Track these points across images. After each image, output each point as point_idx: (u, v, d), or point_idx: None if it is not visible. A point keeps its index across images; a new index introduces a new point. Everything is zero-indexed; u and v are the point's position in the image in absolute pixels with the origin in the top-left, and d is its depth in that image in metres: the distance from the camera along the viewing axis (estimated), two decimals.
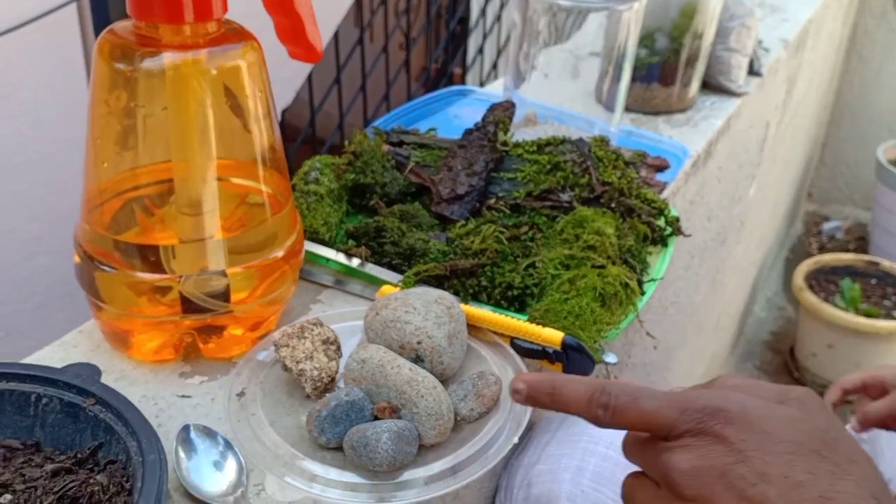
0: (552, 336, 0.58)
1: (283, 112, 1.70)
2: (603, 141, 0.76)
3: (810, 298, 1.71)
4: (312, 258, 0.67)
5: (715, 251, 1.18)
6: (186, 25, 0.50)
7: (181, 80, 0.51)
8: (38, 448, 0.44)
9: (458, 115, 0.96)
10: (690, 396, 0.39)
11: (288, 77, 1.66)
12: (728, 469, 0.35)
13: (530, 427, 0.56)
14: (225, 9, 0.51)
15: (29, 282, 1.39)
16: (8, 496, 0.38)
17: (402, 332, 0.55)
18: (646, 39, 0.97)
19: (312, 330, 0.56)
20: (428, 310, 0.56)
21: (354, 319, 0.61)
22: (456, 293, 0.64)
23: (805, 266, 1.82)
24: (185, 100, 0.51)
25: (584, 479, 0.58)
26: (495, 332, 0.60)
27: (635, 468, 0.55)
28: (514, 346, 0.59)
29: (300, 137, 1.78)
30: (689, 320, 1.18)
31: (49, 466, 0.41)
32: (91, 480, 0.40)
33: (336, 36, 1.74)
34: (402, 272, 0.66)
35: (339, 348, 0.57)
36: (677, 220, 0.72)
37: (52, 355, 0.56)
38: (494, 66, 2.39)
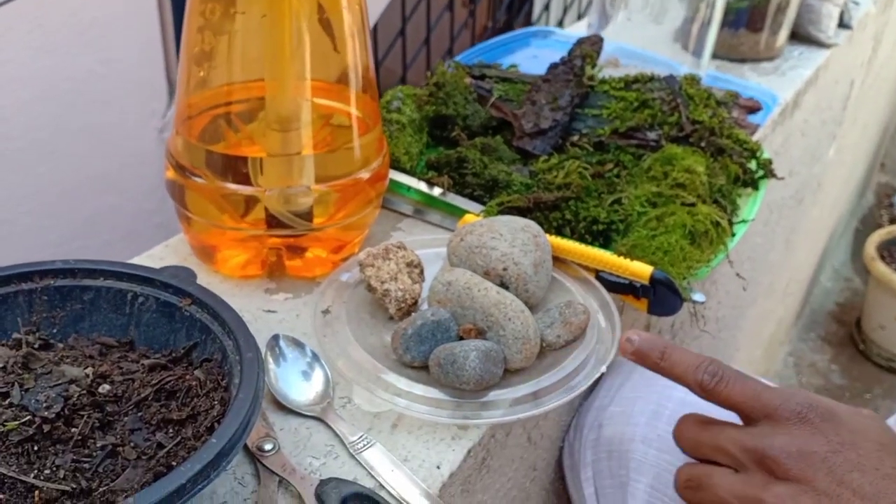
0: (641, 270, 0.56)
1: None
2: (693, 79, 0.73)
3: (882, 268, 1.65)
4: (393, 186, 0.66)
5: (792, 210, 1.14)
6: None
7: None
8: (132, 347, 0.44)
9: (537, 55, 0.93)
10: (787, 390, 0.43)
11: None
12: (829, 456, 0.40)
13: (601, 379, 0.54)
14: None
15: (95, 219, 1.42)
16: (106, 386, 0.39)
17: (488, 257, 0.54)
18: None
19: (397, 252, 0.55)
20: (514, 237, 0.55)
21: (435, 247, 0.60)
22: (539, 226, 0.63)
23: (877, 236, 1.75)
24: (281, 9, 0.50)
25: (661, 423, 0.56)
26: (580, 266, 0.58)
27: (718, 411, 0.53)
28: (599, 279, 0.58)
29: None
30: (762, 279, 1.14)
31: (145, 362, 0.41)
32: (188, 376, 0.40)
33: None
34: (482, 203, 0.65)
35: (422, 272, 0.56)
36: (770, 162, 0.69)
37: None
38: (560, 24, 2.34)
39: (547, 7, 2.30)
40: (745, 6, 0.93)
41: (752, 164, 0.69)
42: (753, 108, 0.73)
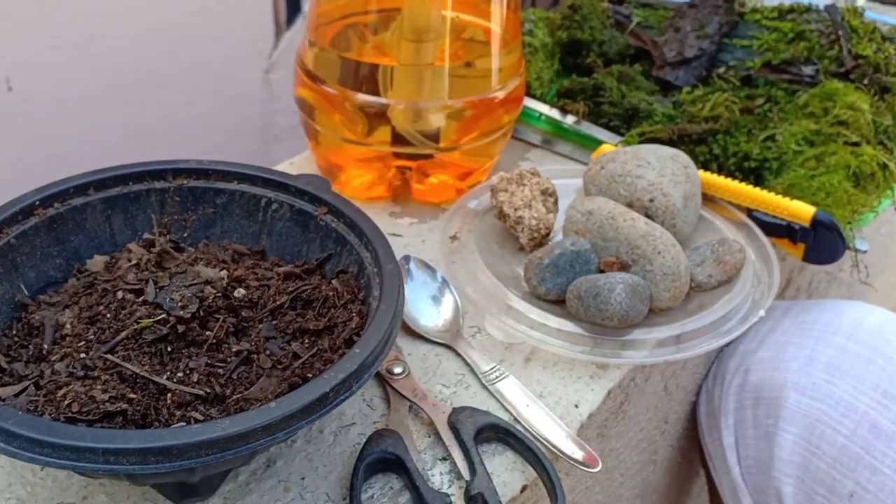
0: (802, 210, 0.51)
1: None
2: (856, 10, 0.65)
3: None
4: (523, 114, 0.62)
5: None
6: None
7: None
8: (264, 256, 0.42)
9: None
10: None
11: None
12: None
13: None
14: None
15: (201, 156, 1.44)
16: (242, 290, 0.36)
17: (633, 187, 0.50)
18: None
19: (531, 179, 0.51)
20: (663, 166, 0.50)
21: (567, 177, 0.56)
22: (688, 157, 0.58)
23: None
24: None
25: (816, 370, 0.51)
26: (731, 204, 0.53)
27: (884, 361, 0.48)
28: (752, 219, 0.52)
29: None
30: (894, 246, 1.05)
31: (280, 269, 0.39)
32: (324, 286, 0.38)
33: None
34: (620, 135, 0.60)
35: (556, 201, 0.52)
36: None
37: None
38: None
39: None
40: None
41: None
42: None
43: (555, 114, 0.61)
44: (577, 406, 0.42)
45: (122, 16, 1.03)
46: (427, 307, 0.45)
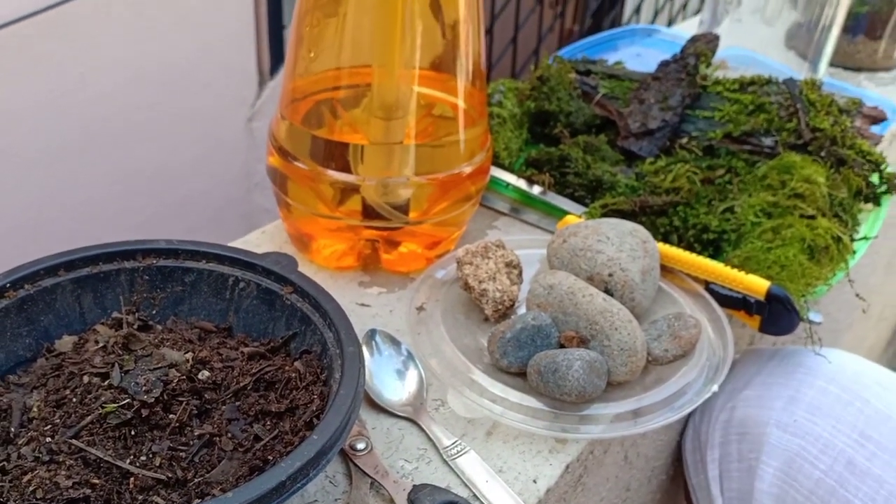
0: (756, 284, 0.52)
1: None
2: (814, 84, 0.68)
3: None
4: (491, 183, 0.64)
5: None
6: None
7: None
8: (231, 333, 0.43)
9: (641, 53, 0.90)
10: None
11: None
12: None
13: (733, 364, 0.51)
14: None
15: (183, 204, 1.44)
16: (206, 373, 0.37)
17: (593, 261, 0.51)
18: None
19: (496, 251, 0.53)
20: (622, 241, 0.52)
21: (532, 248, 0.57)
22: (647, 231, 0.59)
23: None
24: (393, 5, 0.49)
25: (798, 409, 0.54)
26: (689, 276, 0.55)
27: (861, 404, 0.51)
28: (709, 291, 0.54)
29: None
30: (860, 302, 1.08)
31: (245, 349, 0.40)
32: (287, 367, 0.39)
33: None
34: (584, 204, 0.62)
35: (520, 273, 0.53)
36: (894, 176, 0.64)
37: None
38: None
39: (637, 10, 2.24)
40: (864, 11, 0.87)
41: (875, 178, 0.64)
42: (878, 118, 0.68)
43: (522, 184, 0.63)
44: (535, 482, 0.43)
45: (107, 65, 1.04)
46: (392, 381, 0.46)
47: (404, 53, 0.51)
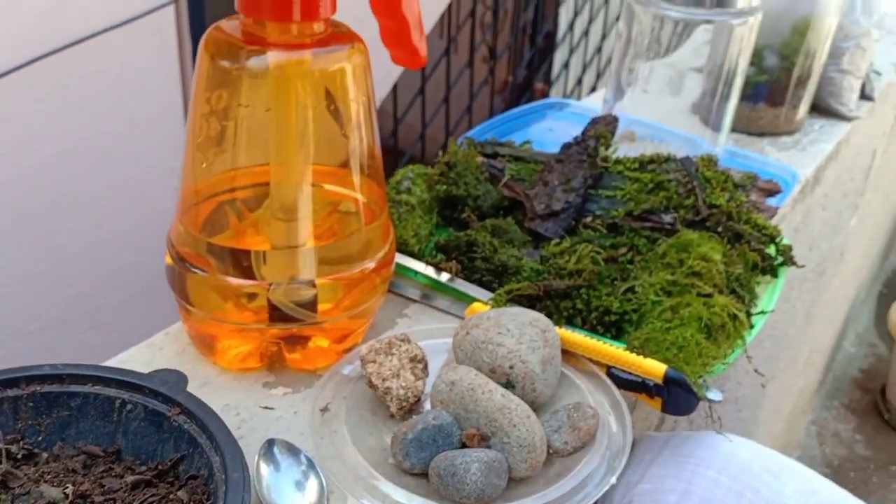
0: (654, 368, 0.53)
1: None
2: (710, 161, 0.71)
3: None
4: (401, 270, 0.64)
5: (813, 283, 1.11)
6: (294, 24, 0.48)
7: (285, 80, 0.49)
8: (119, 456, 0.42)
9: (553, 127, 0.92)
10: None
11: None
12: None
13: (632, 451, 0.52)
14: (333, 9, 0.49)
15: (116, 276, 1.42)
16: None
17: (494, 354, 0.52)
18: (754, 57, 0.91)
19: (400, 346, 0.53)
20: (522, 332, 0.53)
21: (442, 337, 0.58)
22: (549, 315, 0.60)
23: None
24: (287, 101, 0.49)
25: (691, 503, 0.54)
26: (591, 360, 0.56)
27: (752, 495, 0.51)
28: (610, 375, 0.55)
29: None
30: (783, 354, 1.11)
31: (129, 478, 0.39)
32: (171, 496, 0.38)
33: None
34: (492, 289, 0.63)
35: (426, 367, 0.54)
36: (790, 248, 0.66)
37: (139, 357, 0.54)
38: (579, 82, 2.34)
39: (566, 65, 2.30)
40: (764, 80, 0.91)
41: (771, 250, 0.66)
42: (772, 191, 0.71)
43: (430, 272, 0.63)
44: None
45: (33, 140, 1.03)
46: (291, 493, 0.46)
47: (302, 152, 0.52)
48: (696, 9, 0.73)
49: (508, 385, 0.51)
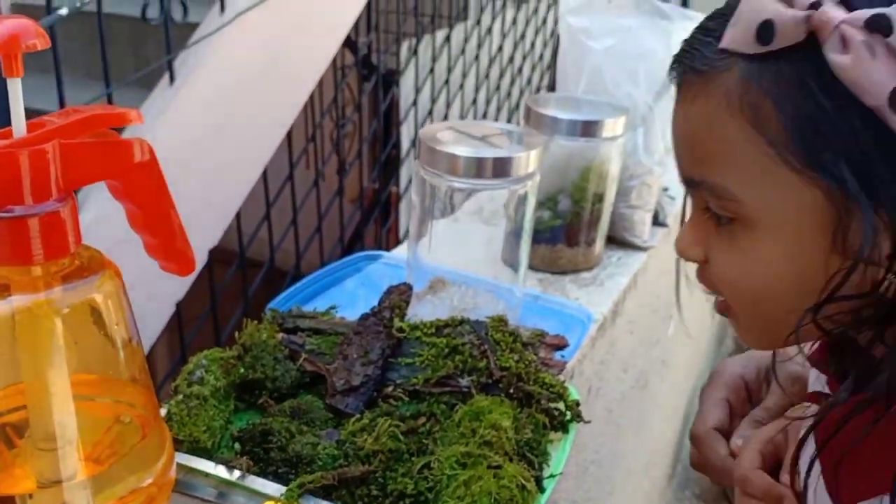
0: None
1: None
2: (501, 321, 0.74)
3: None
4: (192, 472, 0.62)
5: (636, 397, 1.16)
6: (37, 266, 0.47)
7: (33, 320, 0.47)
8: None
9: (365, 282, 0.94)
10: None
11: (213, 219, 1.63)
12: None
13: None
14: (78, 241, 0.48)
15: None
16: None
17: None
18: (549, 202, 0.97)
19: None
20: None
21: None
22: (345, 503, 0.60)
23: None
24: (37, 338, 0.48)
25: None
26: None
27: None
28: None
29: (234, 265, 1.75)
30: (615, 470, 1.14)
31: None
32: None
33: (265, 170, 1.73)
34: (288, 481, 0.62)
35: None
36: (577, 404, 0.69)
37: None
38: None
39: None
40: (559, 224, 0.97)
41: (561, 406, 0.69)
42: (560, 345, 0.75)
43: (221, 471, 0.62)
44: None
45: None
46: None
47: (58, 378, 0.50)
48: (479, 180, 0.77)
49: None
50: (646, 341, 1.15)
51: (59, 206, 0.47)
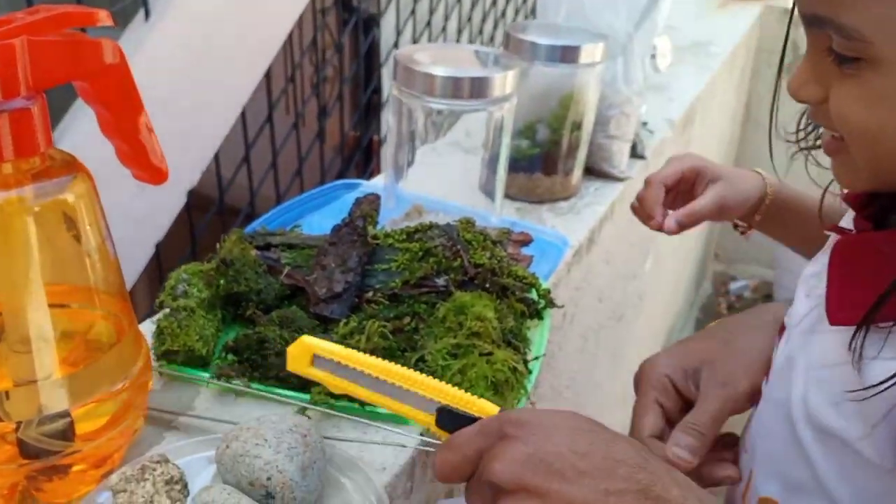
0: (488, 408, 0.51)
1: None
2: (469, 223, 0.74)
3: None
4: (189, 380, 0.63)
5: (612, 329, 1.18)
6: (7, 163, 0.46)
7: (4, 219, 0.47)
8: None
9: (343, 209, 0.93)
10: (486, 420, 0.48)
11: (191, 160, 1.61)
12: (530, 456, 0.42)
13: None
14: (48, 142, 0.48)
15: None
16: None
17: (252, 467, 0.51)
18: (527, 131, 0.97)
19: (154, 469, 0.51)
20: (280, 441, 0.52)
21: (209, 449, 0.57)
22: (351, 401, 0.61)
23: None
24: (9, 237, 0.47)
25: None
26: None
27: None
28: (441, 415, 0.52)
29: (212, 210, 1.73)
30: (590, 399, 1.16)
31: None
32: None
33: (244, 113, 1.71)
34: (291, 383, 0.62)
35: (185, 487, 0.52)
36: (548, 292, 0.71)
37: None
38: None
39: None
40: (537, 153, 0.97)
41: (534, 295, 0.71)
42: (525, 241, 0.76)
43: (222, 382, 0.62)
44: None
45: None
46: None
47: (32, 281, 0.50)
48: (456, 101, 0.76)
49: (268, 496, 0.51)
50: (622, 275, 1.16)
51: (29, 103, 0.46)
